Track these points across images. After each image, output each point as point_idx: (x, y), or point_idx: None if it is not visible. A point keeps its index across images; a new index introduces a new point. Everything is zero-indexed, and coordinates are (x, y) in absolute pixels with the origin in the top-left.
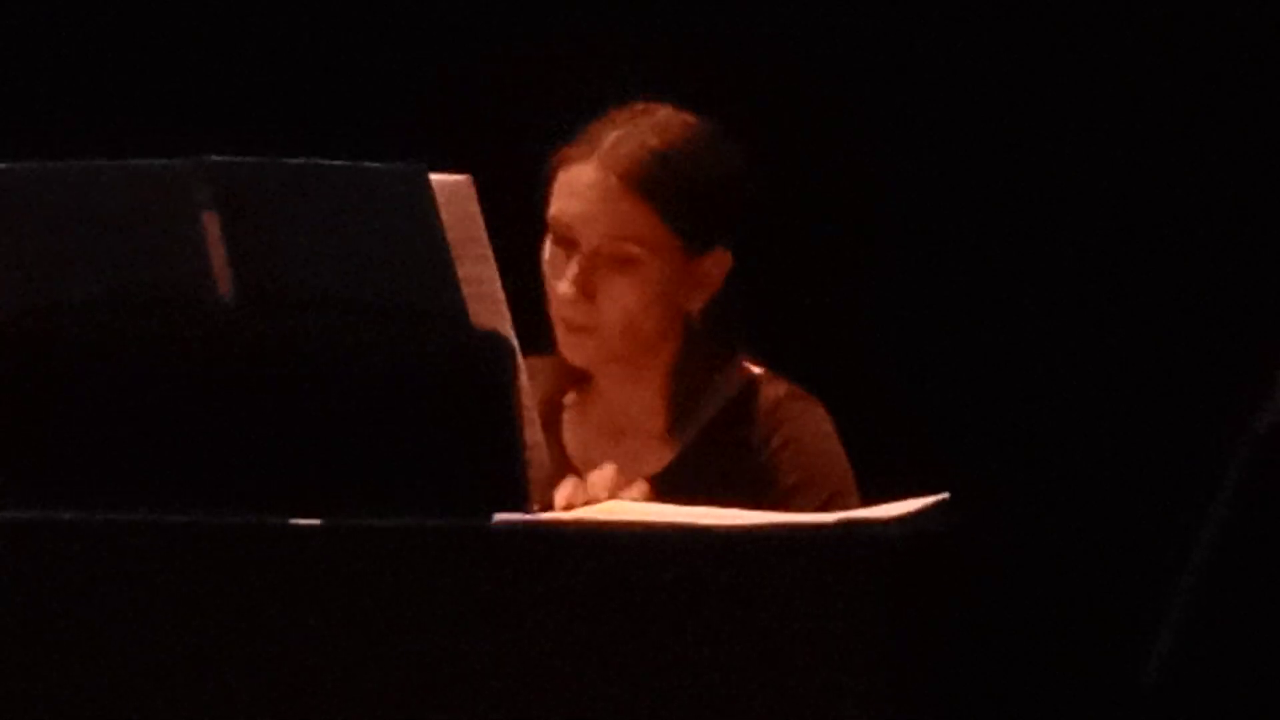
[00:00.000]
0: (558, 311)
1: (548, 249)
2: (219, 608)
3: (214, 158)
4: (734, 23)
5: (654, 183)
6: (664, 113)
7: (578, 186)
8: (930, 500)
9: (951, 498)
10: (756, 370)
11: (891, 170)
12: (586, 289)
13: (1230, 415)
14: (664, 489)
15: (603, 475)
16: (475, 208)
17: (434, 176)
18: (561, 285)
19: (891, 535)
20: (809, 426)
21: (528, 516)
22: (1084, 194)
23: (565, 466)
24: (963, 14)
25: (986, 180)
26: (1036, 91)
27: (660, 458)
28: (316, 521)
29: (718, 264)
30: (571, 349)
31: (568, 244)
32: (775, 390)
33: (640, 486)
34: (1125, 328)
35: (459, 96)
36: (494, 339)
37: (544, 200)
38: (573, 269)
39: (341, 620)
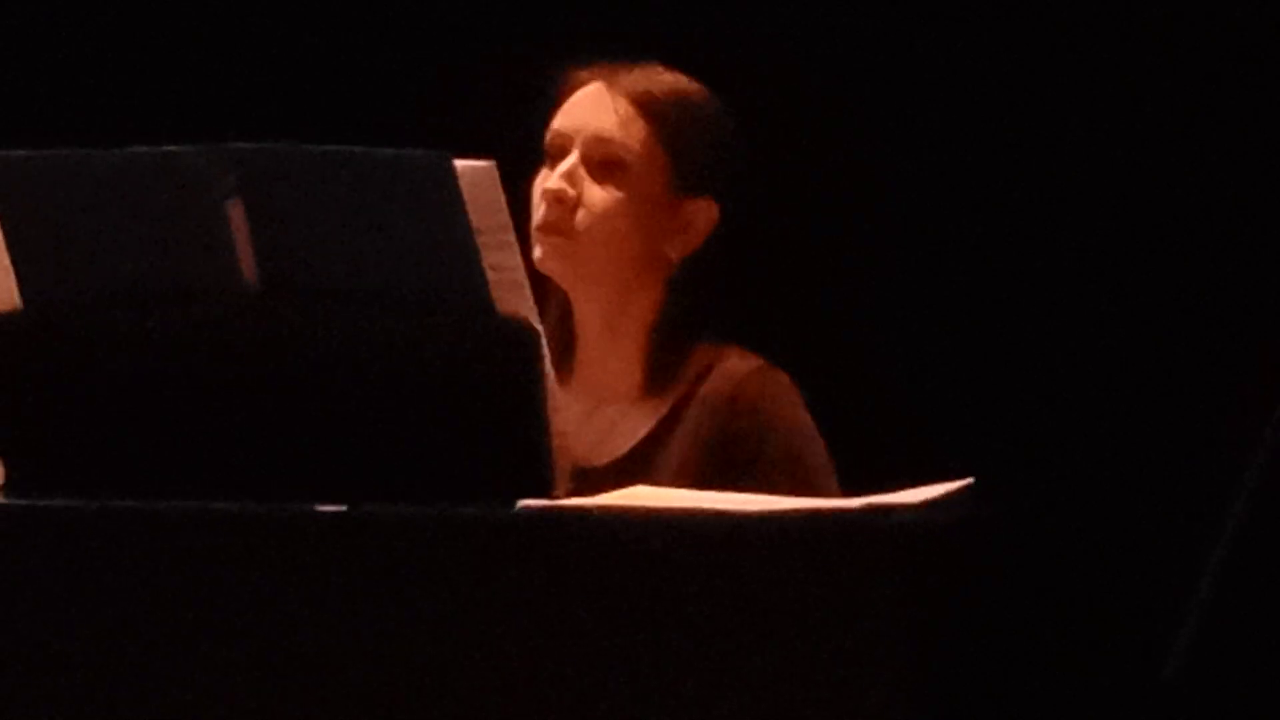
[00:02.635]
0: (539, 218)
1: (539, 177)
2: (244, 594)
3: (239, 145)
4: (735, 21)
5: (655, 103)
6: (678, 73)
7: (581, 100)
8: (956, 485)
9: (976, 484)
10: (728, 346)
11: (895, 166)
12: (573, 183)
13: (1250, 408)
14: (640, 462)
15: None
16: (499, 194)
17: (458, 163)
18: (549, 181)
19: (917, 520)
20: (781, 401)
21: (553, 503)
22: (1094, 188)
23: None
24: (962, 13)
25: (993, 172)
26: (1038, 89)
27: (634, 432)
28: (342, 508)
29: (703, 213)
30: (547, 253)
31: (560, 158)
32: (745, 364)
33: None
34: (1147, 317)
35: (482, 82)
36: (519, 325)
37: (545, 125)
38: (562, 167)
39: (367, 608)
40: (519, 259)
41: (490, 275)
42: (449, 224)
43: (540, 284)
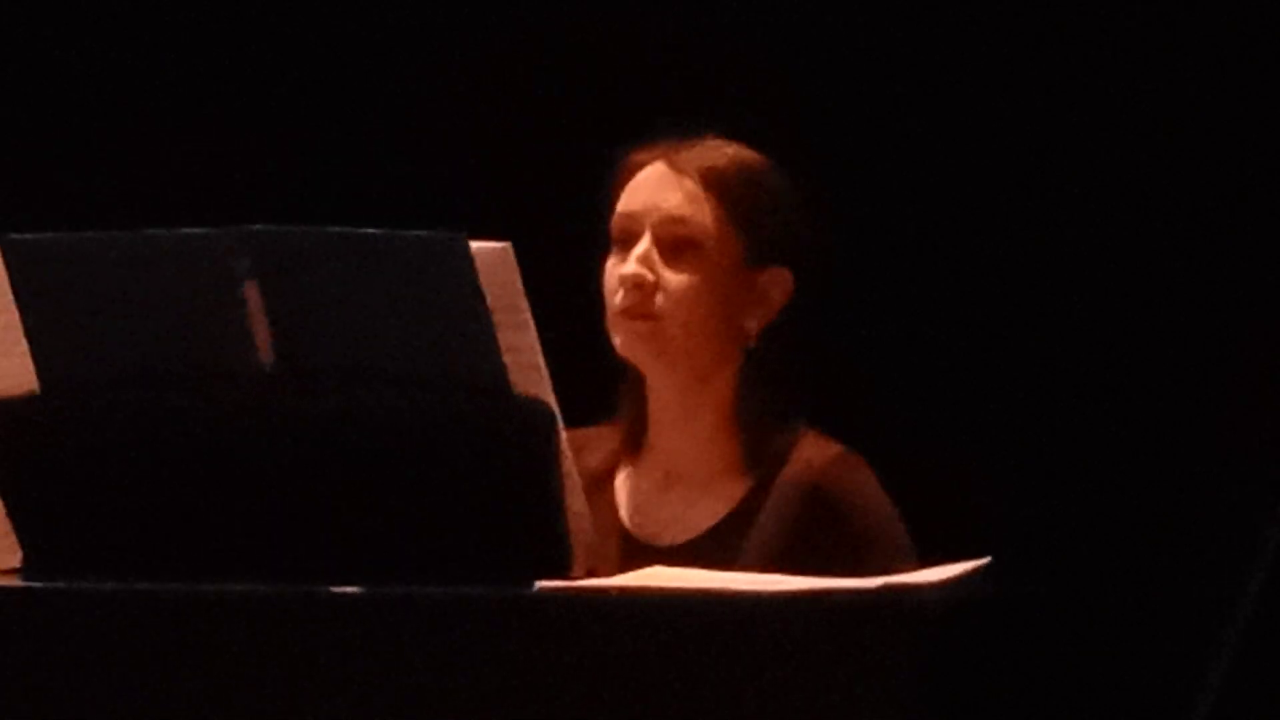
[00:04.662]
0: (618, 303)
1: (610, 261)
2: (260, 676)
3: (255, 227)
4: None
5: (722, 180)
6: (738, 145)
7: (646, 182)
8: (972, 565)
9: (992, 564)
10: (806, 430)
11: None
12: (646, 271)
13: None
14: (718, 543)
15: None
16: (515, 275)
17: (474, 244)
18: (625, 266)
19: (933, 600)
20: (862, 488)
21: (571, 583)
22: (1150, 262)
23: (616, 528)
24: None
25: (1035, 231)
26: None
27: (713, 512)
28: (358, 590)
29: (777, 282)
30: (630, 338)
31: (630, 242)
32: (825, 450)
33: None
34: (1157, 391)
35: (498, 162)
36: (535, 406)
37: (609, 210)
38: (637, 251)
39: (385, 689)
40: (535, 339)
41: (506, 356)
42: (465, 305)
43: (616, 365)
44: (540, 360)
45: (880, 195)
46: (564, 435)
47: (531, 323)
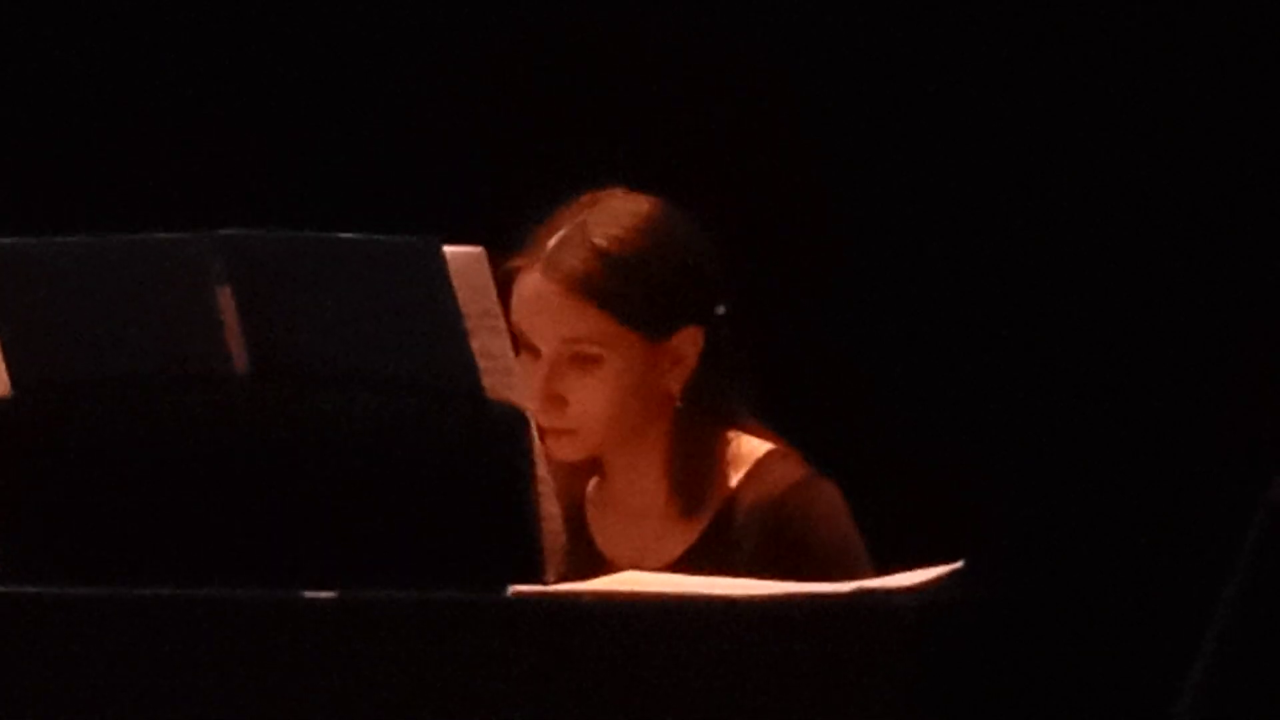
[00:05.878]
0: (536, 422)
1: (522, 361)
2: (233, 682)
3: (229, 231)
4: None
5: (599, 286)
6: (613, 204)
7: (526, 295)
8: (945, 569)
9: (966, 567)
10: (768, 446)
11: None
12: (553, 395)
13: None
14: (686, 571)
15: None
16: (488, 280)
17: (447, 249)
18: (530, 395)
19: (906, 604)
20: (823, 513)
21: (544, 588)
22: (1132, 267)
23: (598, 560)
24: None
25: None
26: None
27: (680, 541)
28: (332, 595)
29: (688, 342)
30: (558, 451)
31: (531, 350)
32: (787, 472)
33: None
34: (1131, 395)
35: (477, 166)
36: (508, 411)
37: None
38: (538, 377)
39: (358, 694)
40: (508, 344)
41: (479, 361)
42: (438, 309)
43: None
44: (513, 364)
45: (879, 196)
46: (537, 440)
47: (505, 327)
